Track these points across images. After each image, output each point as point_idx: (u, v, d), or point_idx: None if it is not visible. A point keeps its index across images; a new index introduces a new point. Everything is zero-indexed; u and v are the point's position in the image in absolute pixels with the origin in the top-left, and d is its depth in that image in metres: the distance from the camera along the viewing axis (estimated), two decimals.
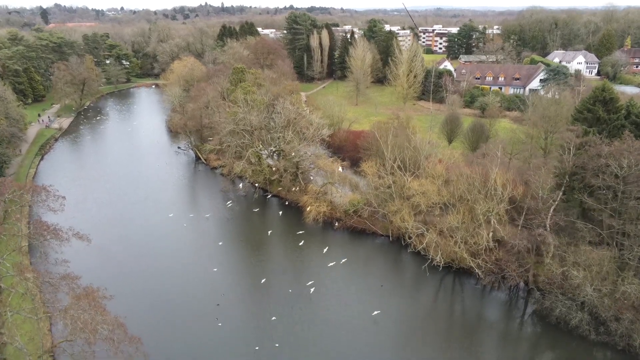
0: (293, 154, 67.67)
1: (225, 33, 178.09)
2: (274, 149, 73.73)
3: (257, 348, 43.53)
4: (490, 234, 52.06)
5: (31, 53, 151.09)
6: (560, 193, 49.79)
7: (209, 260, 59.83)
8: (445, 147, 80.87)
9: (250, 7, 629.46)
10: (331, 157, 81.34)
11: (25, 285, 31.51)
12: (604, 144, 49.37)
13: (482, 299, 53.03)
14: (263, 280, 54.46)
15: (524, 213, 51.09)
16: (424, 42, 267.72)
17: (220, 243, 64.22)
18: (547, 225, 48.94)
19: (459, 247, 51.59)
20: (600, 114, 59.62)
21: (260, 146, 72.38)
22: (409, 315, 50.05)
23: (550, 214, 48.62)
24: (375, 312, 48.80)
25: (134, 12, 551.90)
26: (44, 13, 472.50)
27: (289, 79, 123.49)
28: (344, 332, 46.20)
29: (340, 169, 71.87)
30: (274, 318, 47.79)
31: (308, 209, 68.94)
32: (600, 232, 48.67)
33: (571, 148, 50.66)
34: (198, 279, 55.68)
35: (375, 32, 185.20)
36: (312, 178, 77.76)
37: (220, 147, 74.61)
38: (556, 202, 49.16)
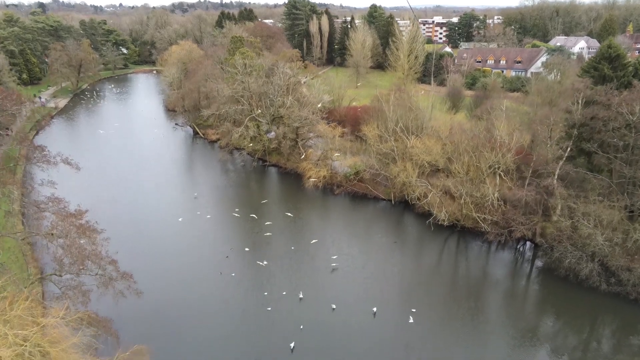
0: (293, 116, 65.87)
1: (224, 18, 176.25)
2: (273, 115, 71.99)
3: (265, 294, 42.54)
4: (496, 193, 50.38)
5: (27, 35, 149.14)
6: (570, 143, 48.22)
7: (207, 215, 58.60)
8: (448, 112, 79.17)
9: (249, 2, 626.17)
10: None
11: (9, 203, 29.75)
12: (613, 95, 48.00)
13: (489, 257, 51.45)
14: (267, 233, 53.24)
15: (531, 165, 49.47)
16: (423, 33, 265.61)
17: (214, 204, 62.77)
18: (556, 176, 47.38)
19: (464, 201, 49.88)
20: (606, 71, 58.05)
21: (259, 111, 70.64)
22: (413, 271, 48.50)
23: (560, 165, 47.03)
24: (379, 267, 47.29)
25: (132, 7, 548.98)
26: (42, 7, 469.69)
27: None
28: (347, 283, 44.66)
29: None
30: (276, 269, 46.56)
31: (308, 174, 67.33)
32: (610, 183, 47.17)
33: (579, 100, 49.23)
34: (195, 231, 54.49)
35: (376, 17, 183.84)
36: (311, 146, 76.12)
37: (218, 112, 72.70)
38: (566, 153, 47.60)
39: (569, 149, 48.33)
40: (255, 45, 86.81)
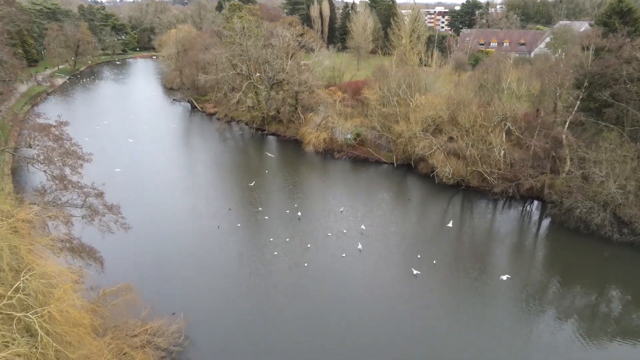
0: (292, 80, 63.85)
1: (224, 1, 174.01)
2: (272, 81, 69.98)
3: (271, 239, 41.17)
4: (503, 149, 48.29)
5: (24, 16, 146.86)
6: (581, 93, 46.18)
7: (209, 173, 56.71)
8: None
9: None
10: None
11: None
12: (625, 42, 46.05)
13: (495, 214, 49.31)
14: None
15: (540, 118, 47.48)
16: (425, 22, 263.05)
17: (203, 158, 60.88)
18: (566, 126, 45.41)
19: (469, 153, 47.78)
20: (617, 26, 56.02)
21: (258, 75, 68.62)
22: (416, 227, 46.55)
23: (573, 113, 44.98)
24: (381, 223, 45.46)
25: (133, 2, 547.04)
26: None
27: None
28: (350, 239, 42.80)
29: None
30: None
31: (307, 139, 65.42)
32: (621, 133, 45.18)
33: (590, 47, 47.26)
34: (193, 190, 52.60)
35: (377, 1, 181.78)
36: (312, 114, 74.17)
37: (216, 77, 70.67)
38: (578, 101, 45.58)
39: (580, 97, 46.27)
40: (255, 12, 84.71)
